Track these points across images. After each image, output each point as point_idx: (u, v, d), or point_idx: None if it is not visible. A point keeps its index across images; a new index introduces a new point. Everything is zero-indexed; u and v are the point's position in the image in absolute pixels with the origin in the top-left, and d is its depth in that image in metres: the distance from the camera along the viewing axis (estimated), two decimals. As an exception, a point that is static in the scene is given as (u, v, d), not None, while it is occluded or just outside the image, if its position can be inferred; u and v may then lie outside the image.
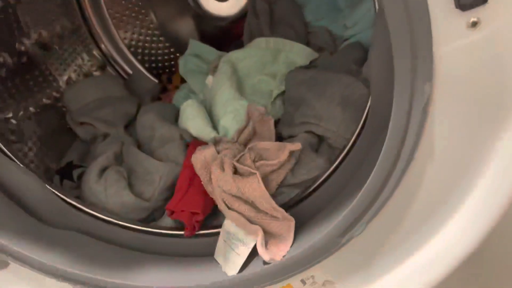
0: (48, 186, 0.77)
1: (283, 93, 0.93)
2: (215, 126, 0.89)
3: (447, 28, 0.46)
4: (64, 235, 0.76)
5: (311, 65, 0.97)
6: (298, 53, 1.00)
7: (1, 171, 0.73)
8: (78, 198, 0.83)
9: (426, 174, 0.57)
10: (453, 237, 0.58)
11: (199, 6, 1.20)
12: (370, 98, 0.66)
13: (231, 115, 0.86)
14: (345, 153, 0.72)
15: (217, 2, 1.20)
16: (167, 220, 0.81)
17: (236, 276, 0.70)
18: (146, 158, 0.86)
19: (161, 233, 0.79)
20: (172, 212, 0.78)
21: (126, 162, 0.89)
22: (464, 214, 0.57)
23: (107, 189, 0.81)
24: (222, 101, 0.89)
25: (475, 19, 0.45)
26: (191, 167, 0.79)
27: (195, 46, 1.15)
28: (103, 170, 0.85)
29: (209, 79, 1.00)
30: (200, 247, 0.77)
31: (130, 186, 0.83)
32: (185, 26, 1.28)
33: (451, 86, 0.49)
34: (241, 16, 1.21)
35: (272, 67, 1.00)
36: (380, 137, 0.59)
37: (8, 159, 0.75)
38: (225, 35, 1.23)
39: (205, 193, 0.78)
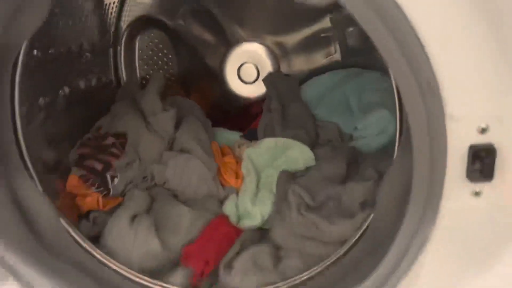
0: (61, 219, 0.82)
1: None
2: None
3: (456, 190, 0.58)
4: (61, 266, 0.80)
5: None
6: (301, 152, 1.12)
7: (25, 196, 0.78)
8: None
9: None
10: None
11: (226, 84, 1.36)
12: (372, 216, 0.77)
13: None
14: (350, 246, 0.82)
15: (243, 84, 1.34)
16: (172, 279, 0.87)
17: None
18: (177, 206, 0.97)
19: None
20: (187, 256, 0.89)
21: (154, 209, 0.98)
22: None
23: (137, 234, 0.89)
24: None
25: (478, 190, 0.57)
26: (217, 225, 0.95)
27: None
28: (134, 216, 0.93)
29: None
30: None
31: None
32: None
33: (446, 235, 0.60)
34: (259, 99, 1.35)
35: (279, 161, 1.12)
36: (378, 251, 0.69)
37: (33, 183, 0.80)
38: (244, 111, 1.37)
39: (221, 245, 0.90)
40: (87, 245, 0.85)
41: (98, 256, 0.85)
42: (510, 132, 0.54)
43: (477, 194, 0.58)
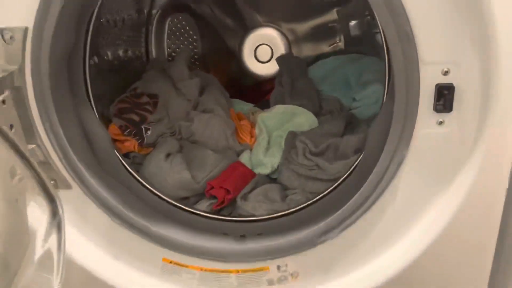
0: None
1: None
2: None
3: (425, 120, 0.78)
4: (112, 181, 1.00)
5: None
6: (306, 119, 1.33)
7: (88, 123, 0.99)
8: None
9: (387, 210, 0.86)
10: (394, 257, 0.88)
11: (243, 63, 1.57)
12: (363, 153, 0.96)
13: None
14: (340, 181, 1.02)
15: (258, 63, 1.55)
16: (199, 206, 1.09)
17: (229, 249, 0.96)
18: (203, 150, 1.18)
19: (189, 210, 1.05)
20: (211, 187, 1.09)
21: (184, 152, 1.19)
22: (404, 244, 0.87)
23: (172, 166, 1.11)
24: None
25: (442, 120, 0.78)
26: (236, 167, 1.15)
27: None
28: (168, 155, 1.15)
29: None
30: (212, 227, 1.03)
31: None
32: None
33: (418, 155, 0.81)
34: (271, 78, 1.55)
35: (287, 125, 1.32)
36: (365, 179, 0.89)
37: (94, 113, 1.01)
38: (257, 88, 1.57)
39: (239, 181, 1.10)
40: (131, 169, 1.05)
41: (140, 179, 1.05)
42: (465, 75, 0.74)
43: (441, 123, 0.78)
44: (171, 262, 1.00)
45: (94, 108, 1.02)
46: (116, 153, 1.04)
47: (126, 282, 1.00)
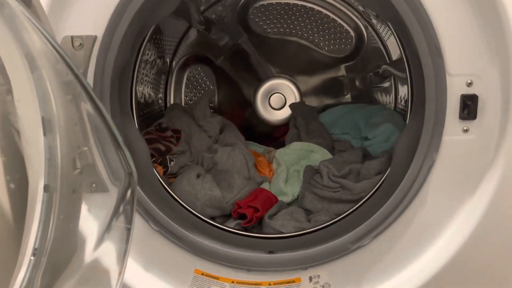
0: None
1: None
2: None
3: (452, 127, 0.87)
4: (149, 191, 1.03)
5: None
6: (322, 156, 1.41)
7: (131, 135, 1.05)
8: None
9: (417, 216, 0.92)
10: (427, 263, 0.91)
11: (257, 110, 1.68)
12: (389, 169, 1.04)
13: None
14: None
15: (271, 110, 1.66)
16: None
17: (261, 258, 0.98)
18: (229, 174, 1.24)
19: (219, 227, 1.08)
20: (239, 207, 1.12)
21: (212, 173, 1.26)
22: (435, 248, 0.91)
23: (203, 184, 1.16)
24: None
25: (467, 128, 0.87)
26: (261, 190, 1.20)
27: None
28: (198, 175, 1.21)
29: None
30: (241, 242, 1.05)
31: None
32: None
33: (445, 160, 0.89)
34: (283, 124, 1.66)
35: (303, 162, 1.40)
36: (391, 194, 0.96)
37: (136, 127, 1.07)
38: (269, 134, 1.69)
39: (266, 202, 1.14)
40: (165, 184, 1.09)
41: (173, 194, 1.09)
42: (486, 86, 0.85)
43: (466, 130, 0.88)
44: (202, 274, 1.01)
45: (136, 123, 1.09)
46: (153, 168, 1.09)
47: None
